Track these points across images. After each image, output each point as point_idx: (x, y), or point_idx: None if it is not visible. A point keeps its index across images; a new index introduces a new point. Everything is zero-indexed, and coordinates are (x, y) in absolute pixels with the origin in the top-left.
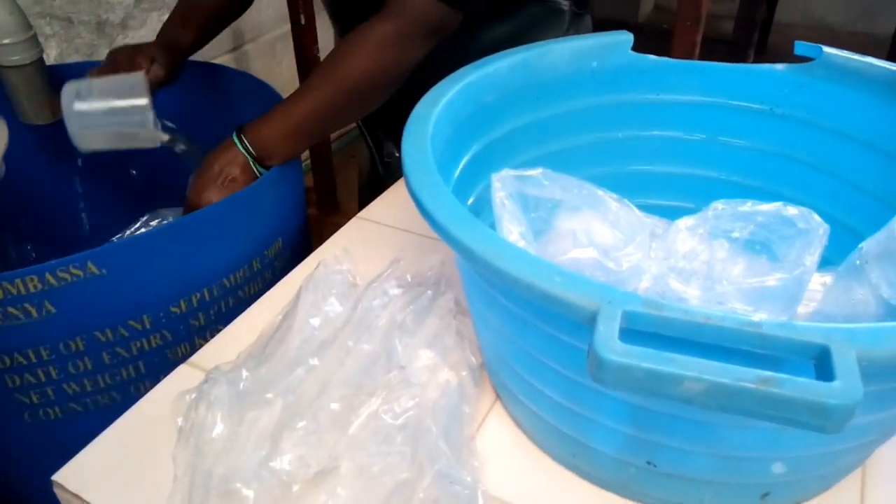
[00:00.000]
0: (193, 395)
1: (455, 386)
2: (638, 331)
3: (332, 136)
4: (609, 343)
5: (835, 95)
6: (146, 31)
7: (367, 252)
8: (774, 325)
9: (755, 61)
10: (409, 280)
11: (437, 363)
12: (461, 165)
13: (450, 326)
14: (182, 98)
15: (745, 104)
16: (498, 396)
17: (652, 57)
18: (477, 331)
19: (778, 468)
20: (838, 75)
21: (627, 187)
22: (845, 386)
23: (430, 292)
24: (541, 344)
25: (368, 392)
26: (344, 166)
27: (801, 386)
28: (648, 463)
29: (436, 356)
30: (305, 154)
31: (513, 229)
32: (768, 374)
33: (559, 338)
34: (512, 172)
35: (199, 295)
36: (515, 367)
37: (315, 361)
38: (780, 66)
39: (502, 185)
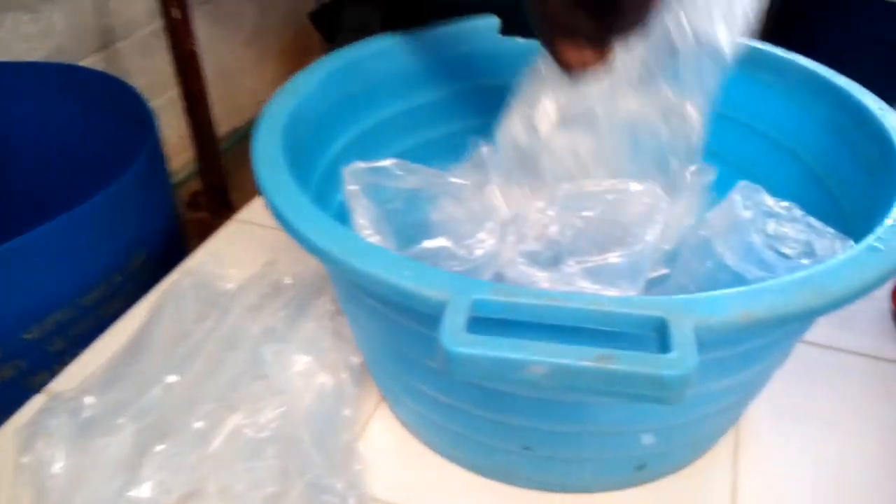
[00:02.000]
0: (32, 430)
1: (331, 390)
2: (489, 318)
3: (220, 134)
4: (455, 335)
5: None
6: (3, 32)
7: (242, 255)
8: (616, 301)
9: None
10: (286, 282)
11: (313, 368)
12: (329, 159)
13: (327, 328)
14: (33, 105)
15: None
16: (382, 396)
17: (521, 40)
18: (352, 329)
19: (648, 440)
20: None
21: None
22: (680, 356)
23: (306, 294)
24: (404, 338)
25: (230, 407)
26: (236, 167)
27: (638, 359)
28: (525, 448)
29: (312, 360)
30: (189, 157)
31: (366, 223)
32: (608, 350)
33: (419, 331)
34: (363, 165)
35: (53, 318)
36: (387, 363)
37: (174, 378)
38: None
39: (354, 178)
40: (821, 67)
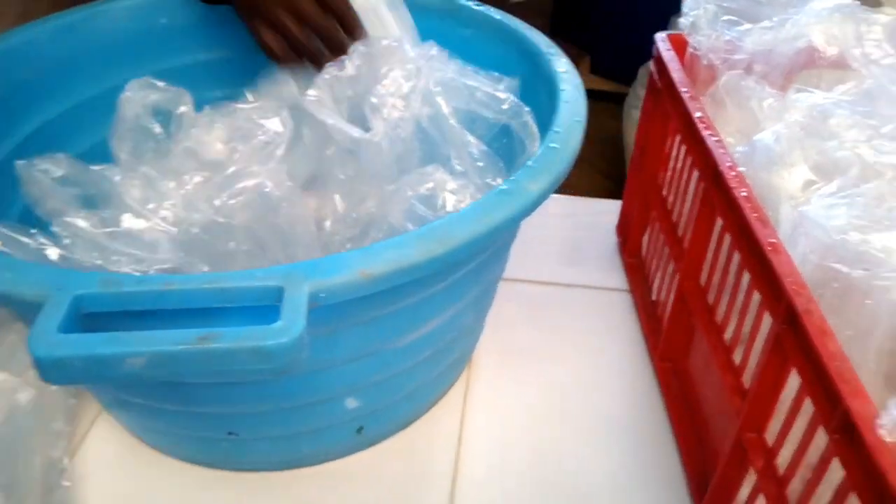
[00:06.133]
0: None
1: (30, 406)
2: (104, 313)
3: None
4: (42, 338)
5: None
6: None
7: None
8: (236, 276)
9: None
10: None
11: (10, 384)
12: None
13: None
14: None
15: None
16: None
17: (226, 7)
18: None
19: (352, 403)
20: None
21: None
22: (285, 324)
23: None
24: None
25: None
26: None
27: (240, 334)
28: (230, 434)
29: (7, 377)
30: None
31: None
32: (211, 330)
33: None
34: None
35: None
36: None
37: None
38: None
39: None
40: (508, 17)
